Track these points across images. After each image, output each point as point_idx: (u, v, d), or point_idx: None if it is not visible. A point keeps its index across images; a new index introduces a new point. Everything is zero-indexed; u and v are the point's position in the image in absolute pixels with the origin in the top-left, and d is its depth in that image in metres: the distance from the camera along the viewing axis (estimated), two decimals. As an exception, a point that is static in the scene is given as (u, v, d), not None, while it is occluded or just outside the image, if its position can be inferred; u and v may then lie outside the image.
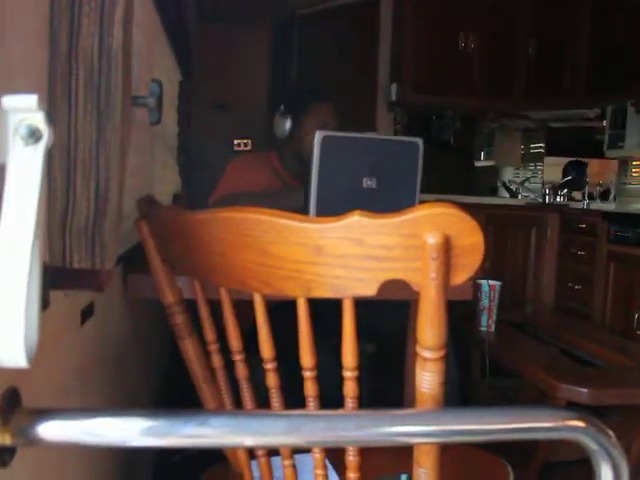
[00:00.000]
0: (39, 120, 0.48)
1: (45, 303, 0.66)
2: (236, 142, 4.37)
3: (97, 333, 1.06)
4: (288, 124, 2.02)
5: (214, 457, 1.04)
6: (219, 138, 4.30)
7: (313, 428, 0.56)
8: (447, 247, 0.66)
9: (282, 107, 2.05)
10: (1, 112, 0.48)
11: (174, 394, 2.04)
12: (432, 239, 0.65)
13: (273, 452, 0.97)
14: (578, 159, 4.50)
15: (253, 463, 0.97)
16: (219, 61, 4.32)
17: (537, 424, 0.60)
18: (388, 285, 0.70)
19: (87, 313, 0.93)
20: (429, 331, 0.69)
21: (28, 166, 0.48)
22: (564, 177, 4.50)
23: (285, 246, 0.70)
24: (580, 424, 0.58)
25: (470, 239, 0.66)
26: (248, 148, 4.37)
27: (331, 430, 0.57)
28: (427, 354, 0.70)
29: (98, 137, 0.71)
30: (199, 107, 3.95)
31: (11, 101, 0.48)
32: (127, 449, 1.05)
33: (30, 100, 0.48)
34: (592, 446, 0.58)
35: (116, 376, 1.29)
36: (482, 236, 0.66)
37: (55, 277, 0.70)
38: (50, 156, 0.48)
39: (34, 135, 0.48)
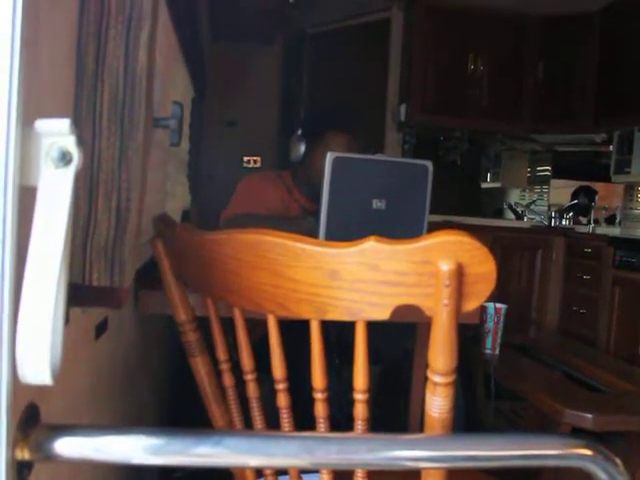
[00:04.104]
0: (70, 143, 0.50)
1: (66, 320, 0.67)
2: (246, 159, 4.40)
3: (110, 348, 1.07)
4: (302, 149, 2.03)
5: (216, 474, 1.05)
6: (229, 154, 4.33)
7: (326, 451, 0.57)
8: (460, 274, 0.67)
9: (299, 131, 2.07)
10: (34, 135, 0.49)
11: (181, 410, 2.04)
12: (445, 266, 0.66)
13: (280, 471, 0.97)
14: (589, 185, 4.52)
15: (260, 482, 0.98)
16: (230, 78, 4.36)
17: (545, 451, 0.61)
18: (398, 308, 0.71)
19: (101, 328, 0.94)
20: (440, 356, 0.70)
21: (58, 189, 0.49)
22: (572, 201, 4.51)
23: (301, 269, 0.72)
24: (588, 452, 0.59)
25: (483, 267, 0.67)
26: (258, 165, 4.39)
27: (343, 453, 0.58)
28: (437, 379, 0.71)
29: (120, 157, 0.73)
30: (210, 123, 3.98)
31: (44, 125, 0.49)
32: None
33: (62, 124, 0.49)
34: (600, 475, 0.58)
35: (127, 390, 1.30)
36: (494, 264, 0.67)
37: (74, 294, 0.71)
38: (75, 176, 0.49)
39: (65, 158, 0.50)
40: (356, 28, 4.53)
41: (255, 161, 4.39)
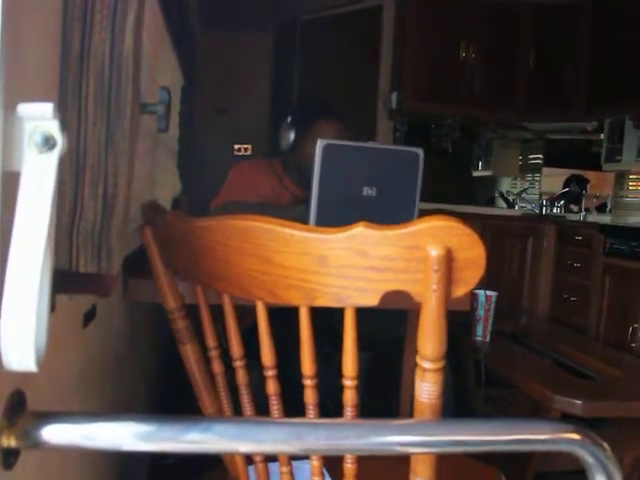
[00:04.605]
0: (54, 128, 0.49)
1: (51, 307, 0.66)
2: (236, 147, 4.38)
3: (98, 335, 1.07)
4: (292, 137, 2.02)
5: (207, 460, 1.05)
6: (220, 142, 4.31)
7: (315, 436, 0.57)
8: (449, 259, 0.67)
9: (289, 119, 2.06)
10: (16, 119, 0.49)
11: (171, 397, 2.05)
12: (434, 251, 0.66)
13: (270, 458, 0.98)
14: (581, 174, 4.53)
15: (250, 468, 0.98)
16: (221, 66, 4.34)
17: (534, 436, 0.61)
18: (387, 294, 0.71)
19: (89, 316, 0.94)
20: (429, 342, 0.70)
21: (42, 173, 0.49)
22: (564, 189, 4.52)
23: (290, 255, 0.71)
24: (576, 437, 0.59)
25: (472, 252, 0.67)
26: (248, 153, 4.38)
27: (332, 439, 0.58)
28: (427, 365, 0.71)
29: (107, 143, 0.72)
30: (200, 111, 3.96)
31: (27, 109, 0.49)
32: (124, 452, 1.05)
33: (45, 108, 0.49)
34: (588, 459, 0.59)
35: (115, 378, 1.30)
36: (484, 250, 0.67)
37: (61, 281, 0.70)
38: (60, 161, 0.49)
39: (48, 143, 0.49)
40: (348, 15, 4.51)
41: (246, 149, 4.38)
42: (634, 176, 4.10)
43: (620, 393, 2.04)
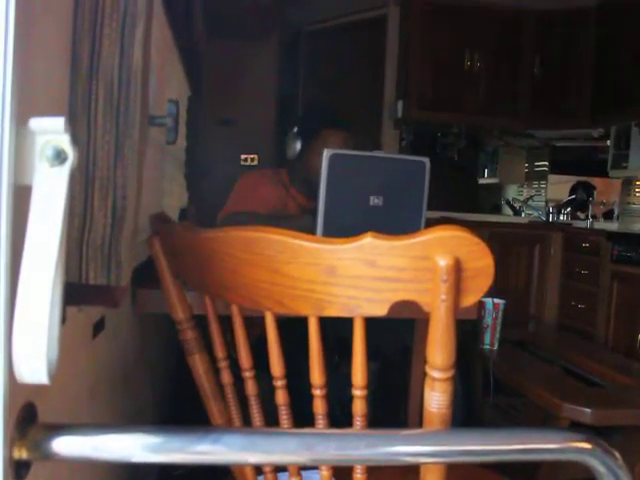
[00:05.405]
0: (65, 142, 0.49)
1: (62, 319, 0.67)
2: (243, 157, 4.39)
3: (108, 346, 1.07)
4: (298, 146, 2.03)
5: (216, 472, 1.05)
6: (226, 153, 4.32)
7: (325, 447, 0.57)
8: (457, 269, 0.67)
9: (295, 129, 2.07)
10: (28, 133, 0.49)
11: (180, 408, 2.04)
12: (443, 261, 0.66)
13: (280, 468, 0.98)
14: (587, 181, 4.53)
15: (260, 479, 0.98)
16: (226, 77, 4.35)
17: (544, 445, 0.61)
18: (396, 304, 0.71)
19: (99, 327, 0.94)
20: (439, 352, 0.70)
21: (53, 187, 0.49)
22: (570, 196, 4.52)
23: (299, 266, 0.71)
24: (587, 446, 0.59)
25: (480, 262, 0.67)
26: (255, 163, 4.39)
27: (342, 449, 0.58)
28: (436, 374, 0.71)
29: (116, 155, 0.72)
30: (206, 122, 3.97)
31: (38, 123, 0.49)
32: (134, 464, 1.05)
33: (57, 122, 0.49)
34: (599, 468, 0.59)
35: (125, 389, 1.30)
36: (492, 259, 0.67)
37: (71, 293, 0.71)
38: (71, 174, 0.49)
39: (60, 157, 0.49)
40: (353, 25, 4.53)
41: (252, 159, 4.39)
42: (641, 182, 4.09)
43: (630, 401, 2.03)
